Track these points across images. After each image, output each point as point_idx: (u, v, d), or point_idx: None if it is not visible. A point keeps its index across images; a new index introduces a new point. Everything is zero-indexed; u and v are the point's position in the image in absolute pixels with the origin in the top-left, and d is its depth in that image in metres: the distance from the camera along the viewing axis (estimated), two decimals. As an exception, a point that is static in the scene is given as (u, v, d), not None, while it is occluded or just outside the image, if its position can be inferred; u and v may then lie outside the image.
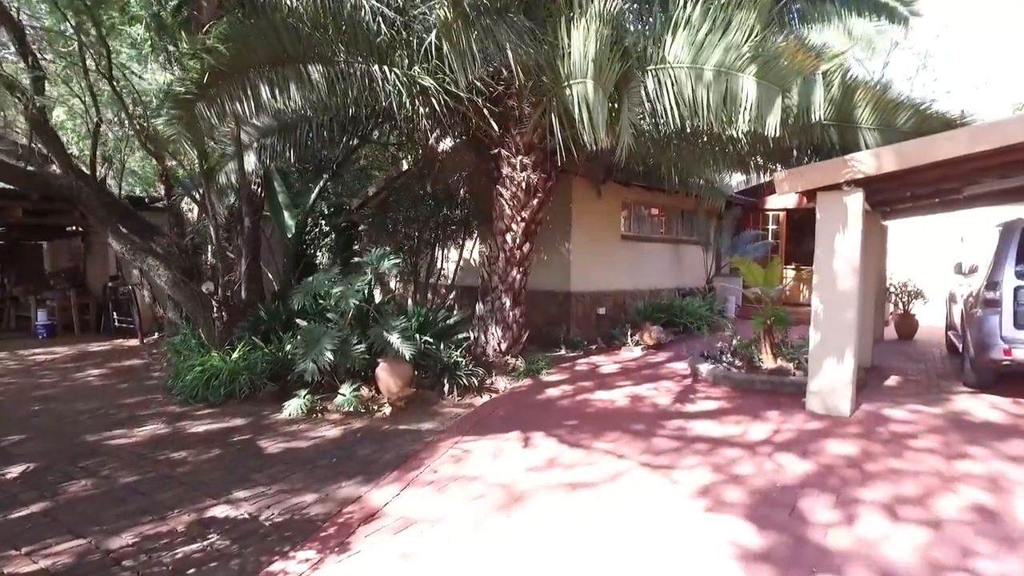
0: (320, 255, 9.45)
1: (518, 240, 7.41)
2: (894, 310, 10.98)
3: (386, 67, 5.76)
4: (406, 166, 10.37)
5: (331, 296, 6.04)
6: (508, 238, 7.41)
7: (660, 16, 6.28)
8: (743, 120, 5.26)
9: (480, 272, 8.33)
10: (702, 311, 10.92)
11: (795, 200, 12.89)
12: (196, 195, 8.13)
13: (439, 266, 10.45)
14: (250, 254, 7.72)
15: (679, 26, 5.41)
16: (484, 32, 5.24)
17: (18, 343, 10.08)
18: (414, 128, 7.91)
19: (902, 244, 12.47)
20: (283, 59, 5.48)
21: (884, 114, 6.17)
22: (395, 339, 5.84)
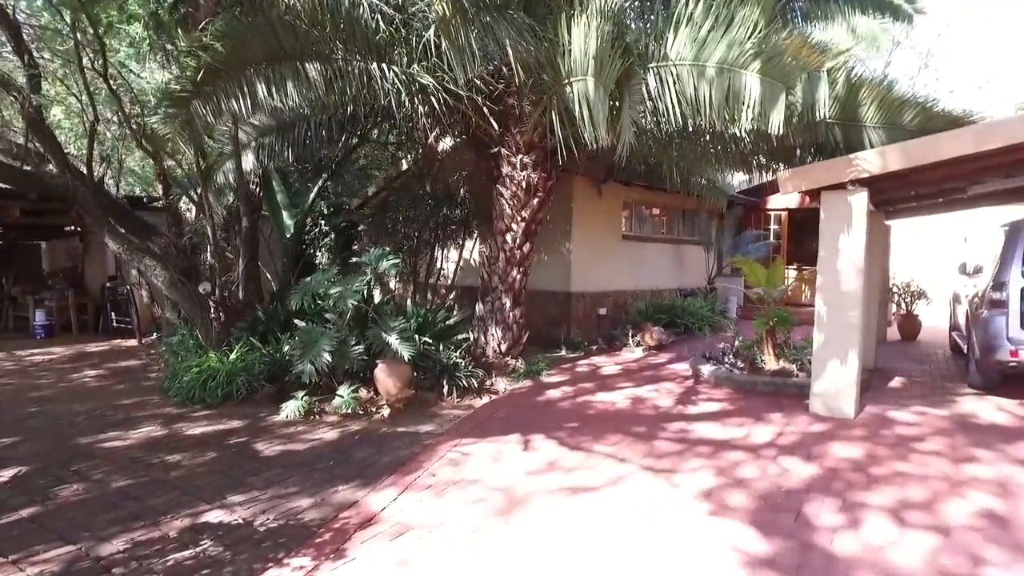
0: (319, 255, 9.37)
1: (518, 240, 7.35)
2: (897, 311, 10.91)
3: (384, 65, 5.70)
4: (406, 165, 10.33)
5: (329, 297, 5.98)
6: (508, 238, 7.34)
7: (662, 13, 6.22)
8: (746, 118, 5.18)
9: (480, 272, 8.27)
10: (704, 312, 10.85)
11: (797, 200, 12.83)
12: (194, 194, 8.08)
13: (439, 266, 10.39)
14: (248, 254, 7.66)
15: (681, 23, 5.34)
16: (484, 29, 5.17)
17: (16, 343, 10.01)
18: (413, 127, 7.85)
19: (905, 244, 12.41)
20: (280, 56, 5.41)
21: (889, 112, 6.09)
22: (394, 340, 5.78)
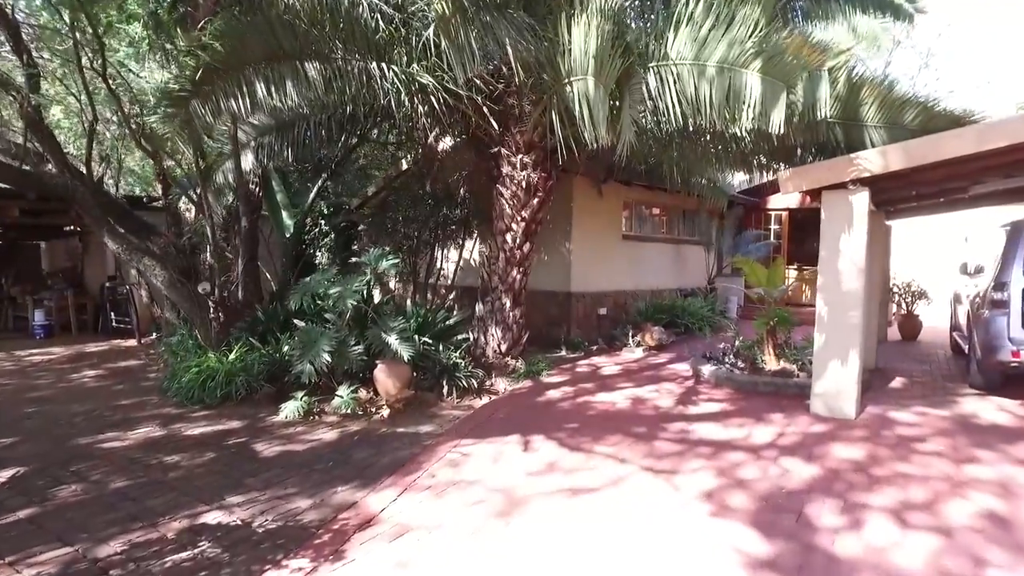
0: (319, 255, 9.36)
1: (518, 240, 7.33)
2: (897, 311, 10.89)
3: (384, 64, 5.69)
4: (405, 165, 10.31)
5: (329, 297, 5.96)
6: (508, 238, 7.33)
7: (662, 12, 6.21)
8: (747, 117, 5.16)
9: (480, 272, 8.25)
10: (704, 312, 10.82)
11: (797, 200, 12.81)
12: (193, 194, 8.06)
13: (439, 266, 10.37)
14: (247, 254, 7.65)
15: (681, 22, 5.32)
16: (483, 28, 5.15)
17: (15, 343, 10.00)
18: (413, 127, 7.83)
19: (906, 244, 12.39)
20: (279, 56, 5.40)
21: (891, 112, 6.07)
22: (393, 340, 5.77)
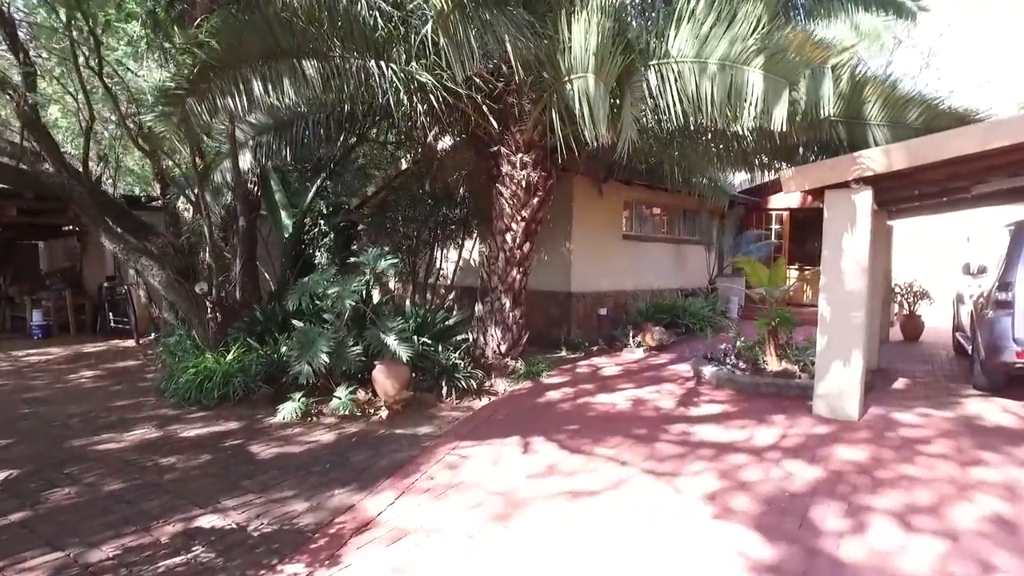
0: (318, 255, 9.30)
1: (518, 240, 7.28)
2: (899, 311, 10.83)
3: (383, 62, 5.63)
4: (405, 165, 10.26)
5: (328, 297, 5.91)
6: (508, 238, 7.27)
7: (663, 9, 6.16)
8: (748, 115, 5.10)
9: (479, 272, 8.19)
10: (705, 312, 10.77)
11: (799, 199, 12.76)
12: (191, 194, 8.01)
13: (438, 266, 10.32)
14: (246, 254, 7.60)
15: (683, 19, 5.27)
16: (483, 25, 5.10)
17: (13, 344, 9.95)
18: (412, 126, 7.78)
19: (908, 244, 12.34)
20: (276, 54, 5.34)
21: (894, 110, 6.00)
22: (392, 341, 5.71)
